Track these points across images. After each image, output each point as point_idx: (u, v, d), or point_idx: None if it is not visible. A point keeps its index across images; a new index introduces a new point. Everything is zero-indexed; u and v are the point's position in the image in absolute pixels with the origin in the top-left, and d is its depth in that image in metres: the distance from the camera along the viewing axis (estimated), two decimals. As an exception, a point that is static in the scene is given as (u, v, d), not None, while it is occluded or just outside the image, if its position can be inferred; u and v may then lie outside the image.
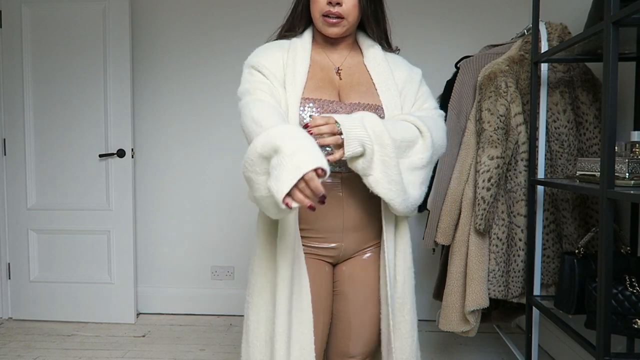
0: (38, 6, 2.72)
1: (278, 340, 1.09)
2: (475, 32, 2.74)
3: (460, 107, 1.95)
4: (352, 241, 1.18)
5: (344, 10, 1.14)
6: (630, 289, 1.38)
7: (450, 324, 1.87)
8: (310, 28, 1.24)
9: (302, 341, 1.11)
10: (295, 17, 1.23)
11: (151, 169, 2.93)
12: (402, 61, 1.27)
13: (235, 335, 2.62)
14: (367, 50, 1.24)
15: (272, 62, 1.16)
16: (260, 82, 1.13)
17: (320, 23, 1.17)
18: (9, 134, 2.78)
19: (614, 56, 1.21)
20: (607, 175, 1.23)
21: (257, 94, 1.11)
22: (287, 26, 1.25)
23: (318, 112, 1.12)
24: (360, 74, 1.21)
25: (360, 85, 1.19)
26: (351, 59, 1.24)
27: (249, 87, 1.13)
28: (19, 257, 2.82)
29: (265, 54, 1.18)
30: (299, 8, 1.22)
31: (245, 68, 1.19)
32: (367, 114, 1.06)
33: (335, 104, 1.14)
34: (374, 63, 1.21)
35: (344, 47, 1.24)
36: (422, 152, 1.10)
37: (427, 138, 1.10)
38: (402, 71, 1.23)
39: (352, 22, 1.17)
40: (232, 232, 2.90)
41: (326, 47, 1.24)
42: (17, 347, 2.45)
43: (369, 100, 1.16)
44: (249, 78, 1.16)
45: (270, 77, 1.14)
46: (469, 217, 1.84)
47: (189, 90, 2.90)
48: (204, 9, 2.87)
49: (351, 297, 1.21)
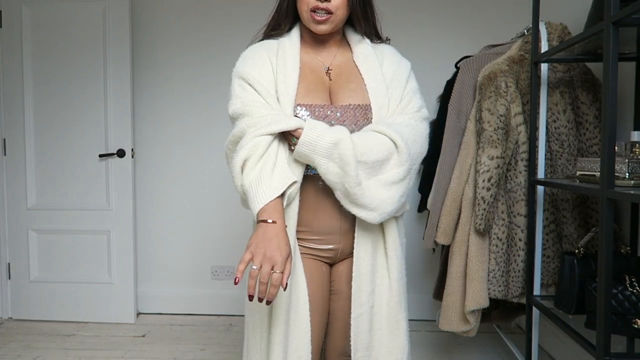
0: (38, 6, 2.72)
1: (274, 350, 1.10)
2: (475, 32, 2.74)
3: (460, 107, 1.95)
4: (349, 242, 1.18)
5: (332, 5, 1.12)
6: (630, 289, 1.38)
7: (450, 324, 1.87)
8: (297, 26, 1.22)
9: (300, 350, 1.12)
10: (280, 15, 1.21)
11: (151, 169, 2.93)
12: (392, 52, 1.25)
13: (235, 335, 2.62)
14: (356, 47, 1.22)
15: (262, 73, 1.14)
16: (255, 102, 1.11)
17: (307, 20, 1.14)
18: (9, 134, 2.78)
19: (614, 56, 1.21)
20: (607, 175, 1.23)
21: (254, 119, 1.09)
22: (273, 24, 1.22)
23: (310, 116, 1.12)
24: (350, 71, 1.20)
25: (350, 83, 1.18)
26: (340, 56, 1.23)
27: (243, 109, 1.10)
28: (19, 257, 2.82)
29: (253, 62, 1.15)
30: (284, 5, 1.20)
31: (235, 78, 1.16)
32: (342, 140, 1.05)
33: (326, 107, 1.14)
34: (363, 59, 1.20)
35: (332, 44, 1.23)
36: (398, 166, 1.10)
37: (402, 152, 1.09)
38: (391, 63, 1.22)
39: (340, 18, 1.15)
40: (232, 232, 2.90)
41: (314, 46, 1.22)
42: (17, 347, 2.45)
43: (358, 100, 1.16)
44: (242, 94, 1.13)
45: (264, 93, 1.12)
46: (469, 217, 1.84)
47: (189, 90, 2.90)
48: (204, 9, 2.87)
49: (347, 296, 1.21)
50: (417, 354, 2.35)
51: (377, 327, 1.18)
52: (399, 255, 1.20)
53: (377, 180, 1.09)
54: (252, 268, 0.94)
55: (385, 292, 1.18)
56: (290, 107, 1.11)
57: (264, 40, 1.23)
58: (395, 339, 1.18)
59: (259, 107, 1.10)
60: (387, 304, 1.18)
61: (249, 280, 0.94)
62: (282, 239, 0.98)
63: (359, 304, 1.16)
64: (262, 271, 0.94)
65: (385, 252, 1.19)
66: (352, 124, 1.14)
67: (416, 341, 2.50)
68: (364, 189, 1.06)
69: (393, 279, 1.18)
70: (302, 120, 1.07)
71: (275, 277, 0.95)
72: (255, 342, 1.17)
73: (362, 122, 1.14)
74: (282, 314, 1.11)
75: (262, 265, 0.94)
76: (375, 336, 1.17)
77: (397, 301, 1.19)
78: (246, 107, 1.10)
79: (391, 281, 1.18)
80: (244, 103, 1.11)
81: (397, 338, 1.18)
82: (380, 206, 1.08)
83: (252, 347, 1.17)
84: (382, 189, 1.09)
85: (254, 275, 0.94)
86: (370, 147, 1.07)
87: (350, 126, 1.13)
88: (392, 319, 1.19)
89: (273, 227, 0.99)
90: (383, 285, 1.18)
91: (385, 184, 1.09)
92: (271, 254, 0.96)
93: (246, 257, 0.95)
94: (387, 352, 1.18)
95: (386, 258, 1.19)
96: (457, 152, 1.92)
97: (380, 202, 1.08)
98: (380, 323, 1.18)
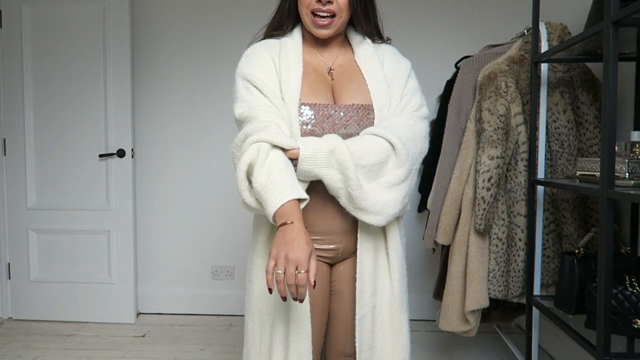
0: (38, 6, 2.72)
1: (275, 350, 1.10)
2: (475, 32, 2.74)
3: (460, 107, 1.95)
4: (350, 243, 1.18)
5: (336, 8, 1.11)
6: (630, 289, 1.38)
7: (450, 324, 1.87)
8: (299, 26, 1.22)
9: (301, 350, 1.12)
10: (282, 15, 1.21)
11: (151, 169, 2.93)
12: (392, 52, 1.25)
13: (235, 335, 2.62)
14: (357, 47, 1.23)
15: (266, 73, 1.13)
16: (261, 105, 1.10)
17: (309, 23, 1.14)
18: (9, 134, 2.78)
19: (614, 56, 1.21)
20: (607, 175, 1.23)
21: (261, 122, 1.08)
22: (275, 24, 1.22)
23: (314, 116, 1.12)
24: (352, 71, 1.20)
25: (352, 83, 1.18)
26: (342, 57, 1.23)
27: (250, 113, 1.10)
28: (19, 257, 2.82)
29: (256, 62, 1.15)
30: (286, 5, 1.20)
31: (239, 79, 1.15)
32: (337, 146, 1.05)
33: (330, 107, 1.14)
34: (364, 59, 1.20)
35: (334, 45, 1.23)
36: (397, 168, 1.10)
37: (400, 153, 1.09)
38: (391, 62, 1.22)
39: (342, 21, 1.15)
40: (232, 232, 2.90)
41: (316, 46, 1.22)
42: (17, 347, 2.45)
43: (360, 100, 1.16)
44: (248, 97, 1.12)
45: (269, 94, 1.11)
46: (469, 217, 1.84)
47: (189, 90, 2.90)
48: (204, 9, 2.87)
49: (348, 296, 1.21)
50: (417, 354, 2.35)
51: (379, 328, 1.18)
52: (400, 255, 1.20)
53: (378, 183, 1.09)
54: (277, 273, 0.95)
55: (387, 293, 1.18)
56: (295, 107, 1.11)
57: (265, 39, 1.23)
58: (398, 340, 1.19)
59: (265, 110, 1.09)
60: (389, 305, 1.18)
61: (277, 284, 0.95)
62: (302, 238, 0.97)
63: (362, 305, 1.15)
64: (288, 274, 0.94)
65: (387, 253, 1.19)
66: (356, 123, 1.14)
67: (416, 341, 2.50)
68: (366, 192, 1.06)
69: (395, 279, 1.18)
70: (292, 140, 1.06)
71: (300, 277, 0.94)
72: (255, 342, 1.17)
73: (365, 122, 1.14)
74: (283, 314, 1.11)
75: (286, 269, 0.95)
76: (377, 337, 1.17)
77: (399, 301, 1.19)
78: (253, 110, 1.10)
79: (393, 282, 1.18)
80: (251, 107, 1.10)
81: (400, 338, 1.19)
82: (384, 209, 1.09)
83: (252, 347, 1.17)
84: (383, 192, 1.09)
85: (280, 279, 0.95)
86: (367, 150, 1.07)
87: (354, 126, 1.13)
88: (394, 320, 1.19)
89: (291, 229, 0.98)
90: (385, 286, 1.18)
91: (386, 186, 1.09)
92: (293, 255, 0.95)
93: (270, 265, 0.95)
94: (390, 352, 1.18)
95: (387, 259, 1.19)
96: (457, 152, 1.92)
97: (384, 205, 1.08)
98: (382, 324, 1.18)
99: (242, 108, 1.11)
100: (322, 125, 1.12)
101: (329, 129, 1.12)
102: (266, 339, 1.14)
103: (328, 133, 1.12)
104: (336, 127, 1.13)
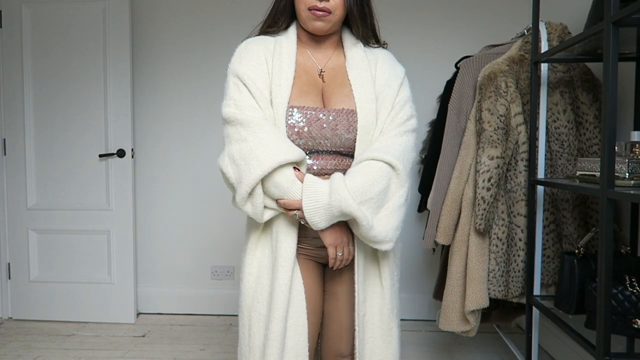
0: (38, 6, 2.72)
1: (270, 346, 1.10)
2: (475, 32, 2.74)
3: (460, 107, 1.95)
4: None
5: (331, 5, 1.11)
6: (630, 289, 1.38)
7: (450, 324, 1.87)
8: (294, 25, 1.22)
9: (297, 348, 1.12)
10: (278, 12, 1.21)
11: (151, 169, 2.93)
12: (386, 57, 1.23)
13: (235, 335, 2.62)
14: (349, 51, 1.22)
15: (258, 73, 1.13)
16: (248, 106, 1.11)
17: (305, 18, 1.14)
18: (9, 134, 2.78)
19: (614, 56, 1.21)
20: (607, 175, 1.23)
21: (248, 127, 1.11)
22: (270, 21, 1.22)
23: (303, 119, 1.12)
24: (342, 76, 1.20)
25: (343, 87, 1.18)
26: (335, 59, 1.22)
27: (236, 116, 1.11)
28: (19, 257, 2.82)
29: (249, 60, 1.15)
30: (282, 3, 1.20)
31: (231, 76, 1.15)
32: (336, 189, 1.05)
33: (319, 110, 1.13)
34: (353, 64, 1.19)
35: (328, 46, 1.22)
36: (399, 188, 1.11)
37: (400, 172, 1.11)
38: (384, 68, 1.20)
39: (338, 18, 1.15)
40: (232, 232, 2.90)
41: (310, 46, 1.22)
42: (17, 347, 2.45)
43: (350, 105, 1.15)
44: (236, 95, 1.13)
45: (257, 96, 1.11)
46: (469, 217, 1.84)
47: (189, 90, 2.90)
48: (204, 8, 2.87)
49: (342, 296, 1.21)
50: (417, 354, 2.34)
51: (369, 336, 1.18)
52: (391, 263, 1.20)
53: (386, 209, 1.10)
54: (338, 255, 1.14)
55: (377, 300, 1.19)
56: (283, 110, 1.11)
57: (259, 35, 1.22)
58: (389, 346, 1.19)
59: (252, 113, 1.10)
60: (380, 311, 1.18)
61: (335, 262, 1.15)
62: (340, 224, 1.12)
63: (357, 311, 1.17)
64: (345, 254, 1.15)
65: (378, 260, 1.19)
66: (344, 128, 1.14)
67: (416, 341, 2.50)
68: (376, 227, 1.08)
69: (385, 286, 1.18)
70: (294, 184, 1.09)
71: (346, 252, 1.15)
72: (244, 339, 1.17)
73: (354, 127, 1.14)
74: (279, 313, 1.11)
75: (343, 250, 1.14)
76: (367, 344, 1.17)
77: (390, 309, 1.19)
78: (240, 112, 1.11)
79: (384, 289, 1.19)
80: (238, 106, 1.11)
81: (390, 345, 1.19)
82: (393, 234, 1.11)
83: (243, 344, 1.17)
84: (391, 217, 1.10)
85: (340, 259, 1.15)
86: (370, 182, 1.07)
87: (342, 131, 1.13)
88: (384, 327, 1.19)
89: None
90: (375, 293, 1.19)
91: (393, 210, 1.11)
92: (342, 239, 1.13)
93: (334, 254, 1.14)
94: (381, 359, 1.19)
95: (378, 266, 1.19)
96: (457, 152, 1.92)
97: (392, 229, 1.10)
98: (372, 332, 1.18)
99: (230, 107, 1.13)
100: (310, 129, 1.12)
101: (316, 132, 1.12)
102: (256, 335, 1.14)
103: (316, 136, 1.12)
104: (324, 131, 1.12)
